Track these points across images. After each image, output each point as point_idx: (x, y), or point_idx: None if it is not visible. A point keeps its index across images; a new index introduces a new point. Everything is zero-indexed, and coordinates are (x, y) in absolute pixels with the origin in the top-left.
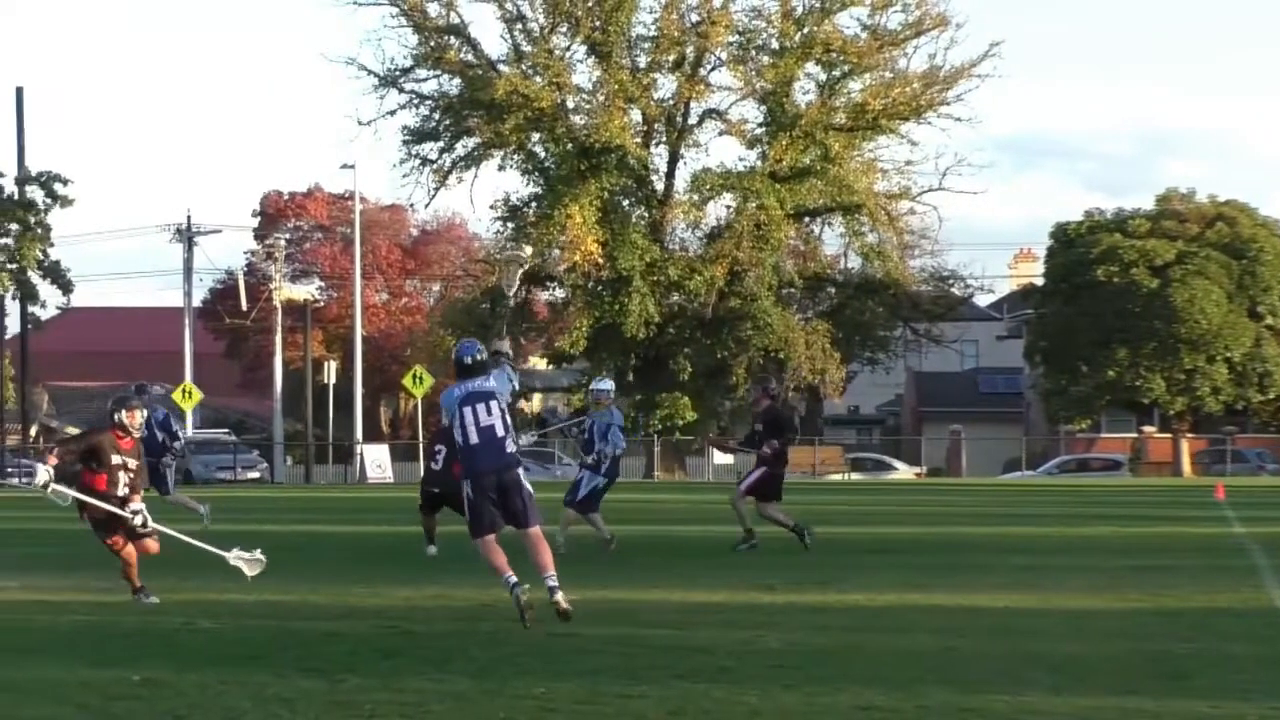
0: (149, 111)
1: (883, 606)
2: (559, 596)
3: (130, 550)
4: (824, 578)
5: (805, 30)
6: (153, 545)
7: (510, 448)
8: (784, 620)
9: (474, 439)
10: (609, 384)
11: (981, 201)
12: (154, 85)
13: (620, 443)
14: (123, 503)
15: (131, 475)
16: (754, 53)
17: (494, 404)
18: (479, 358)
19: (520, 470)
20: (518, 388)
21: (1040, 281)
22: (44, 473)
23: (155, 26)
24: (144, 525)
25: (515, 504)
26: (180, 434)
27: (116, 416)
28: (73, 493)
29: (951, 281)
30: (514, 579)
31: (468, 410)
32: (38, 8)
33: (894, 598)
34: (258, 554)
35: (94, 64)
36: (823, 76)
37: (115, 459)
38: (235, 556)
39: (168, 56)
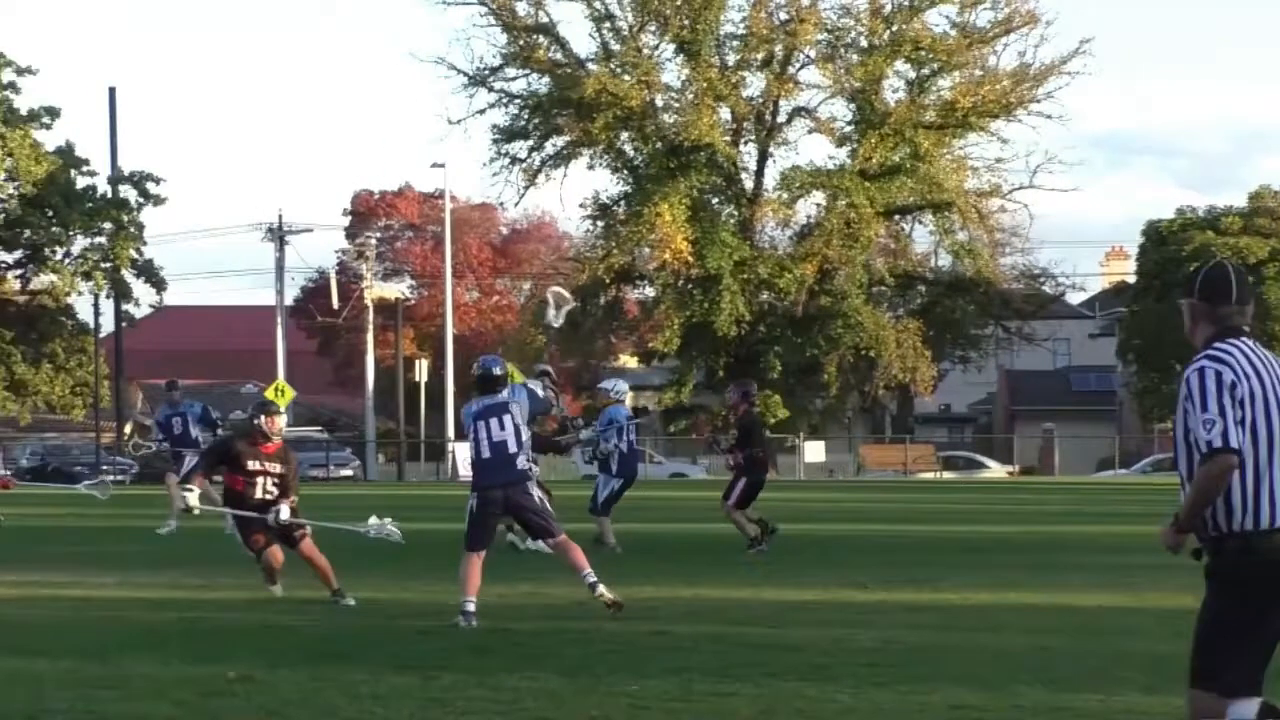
0: (241, 111)
1: (976, 605)
2: (601, 590)
3: (274, 552)
4: (917, 576)
5: (894, 28)
6: (308, 549)
7: (521, 464)
8: (876, 618)
9: (485, 453)
10: (609, 382)
11: (1073, 199)
12: (246, 85)
13: (610, 439)
14: (264, 506)
15: (276, 479)
16: (843, 51)
17: (508, 419)
18: (498, 372)
19: (528, 485)
20: (560, 408)
21: (1132, 279)
22: (192, 499)
23: (247, 26)
24: (289, 524)
25: (531, 520)
26: (220, 423)
27: (256, 422)
28: (216, 508)
29: (1043, 279)
30: (471, 608)
31: (481, 425)
32: (130, 8)
33: (987, 596)
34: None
35: (186, 64)
36: (912, 74)
37: (253, 464)
38: (375, 527)
39: (260, 56)
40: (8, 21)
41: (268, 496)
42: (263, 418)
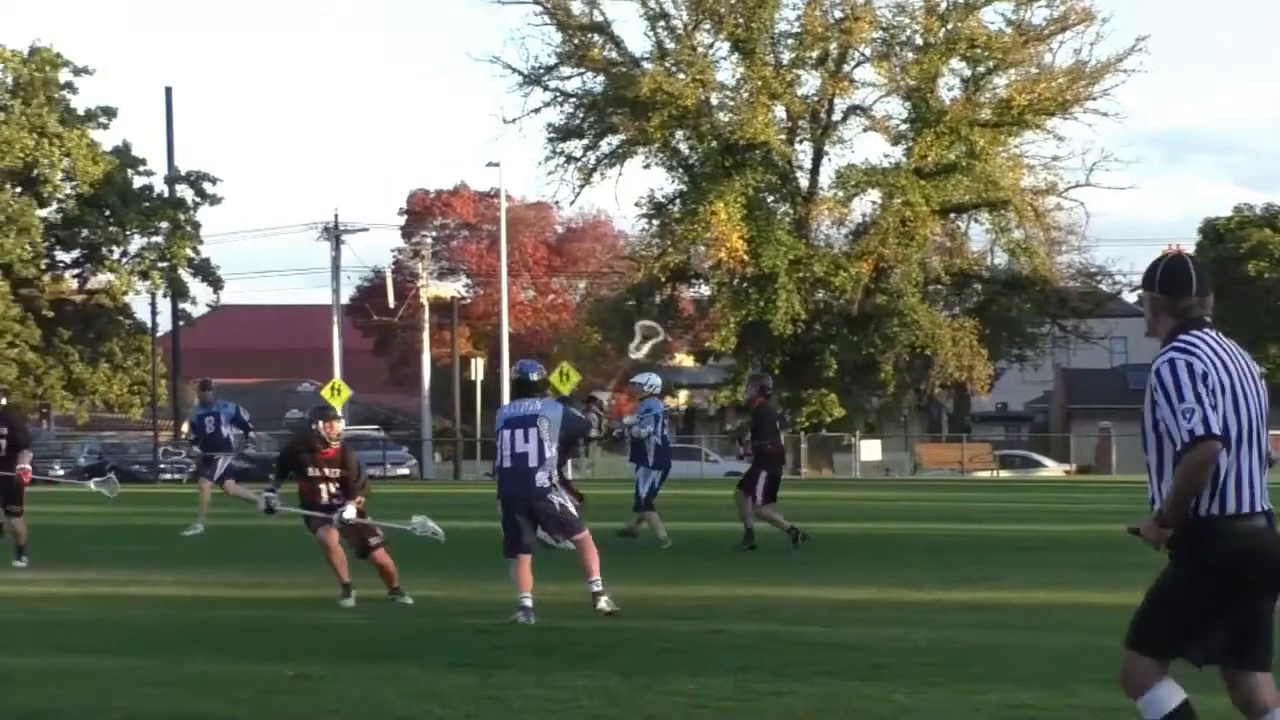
0: (297, 111)
1: (1033, 604)
2: (601, 602)
3: (340, 554)
4: (973, 575)
5: (949, 26)
6: (382, 557)
7: (540, 479)
8: (933, 618)
9: (506, 463)
10: (643, 377)
11: (1129, 197)
12: (302, 84)
13: (646, 424)
14: (330, 509)
15: (338, 483)
16: (898, 49)
17: (533, 432)
18: (534, 378)
19: (550, 494)
20: (597, 432)
21: None
22: (265, 502)
23: (301, 26)
24: (356, 525)
25: (550, 524)
26: (252, 426)
27: (314, 428)
28: (290, 509)
29: (1100, 277)
30: (528, 603)
31: (507, 434)
32: (186, 8)
33: (1044, 595)
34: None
35: (242, 63)
36: (967, 72)
37: (313, 471)
38: (419, 524)
39: (316, 55)
40: (65, 22)
41: (334, 501)
42: (320, 423)
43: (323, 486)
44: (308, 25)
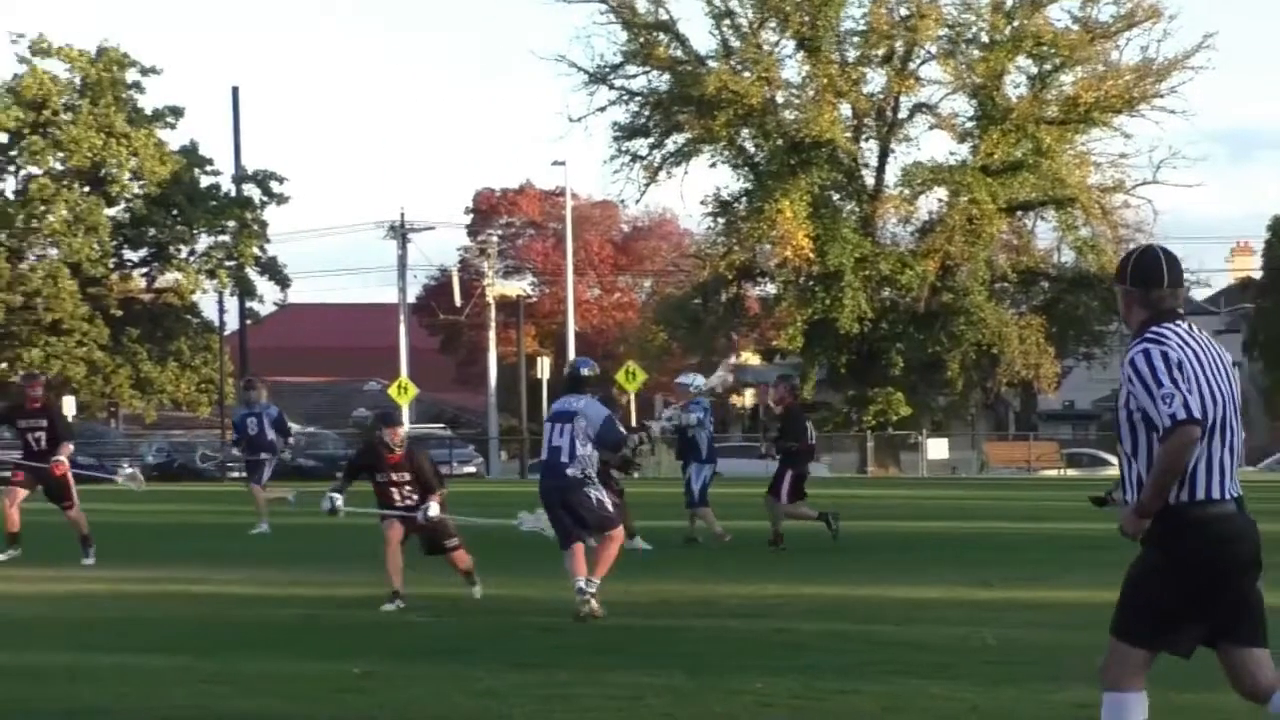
0: (363, 110)
1: (1101, 603)
2: (588, 608)
3: (397, 556)
4: (1041, 574)
5: (1015, 23)
6: (460, 559)
7: (571, 471)
8: (1001, 616)
9: (544, 455)
10: (687, 377)
11: (1197, 194)
12: (367, 83)
13: (694, 412)
14: (407, 511)
15: (410, 485)
16: (964, 46)
17: (568, 429)
18: (584, 373)
19: (585, 486)
20: (630, 454)
21: (1258, 275)
22: (326, 502)
23: (368, 25)
24: (437, 521)
25: (584, 516)
26: (293, 430)
27: (378, 434)
28: (357, 509)
29: None
30: (582, 584)
31: (549, 426)
32: (252, 7)
33: (1112, 594)
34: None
35: (308, 62)
36: (1033, 69)
37: (381, 477)
38: (529, 520)
39: (381, 54)
40: (132, 22)
41: (408, 503)
42: (384, 430)
43: (394, 490)
44: (374, 24)
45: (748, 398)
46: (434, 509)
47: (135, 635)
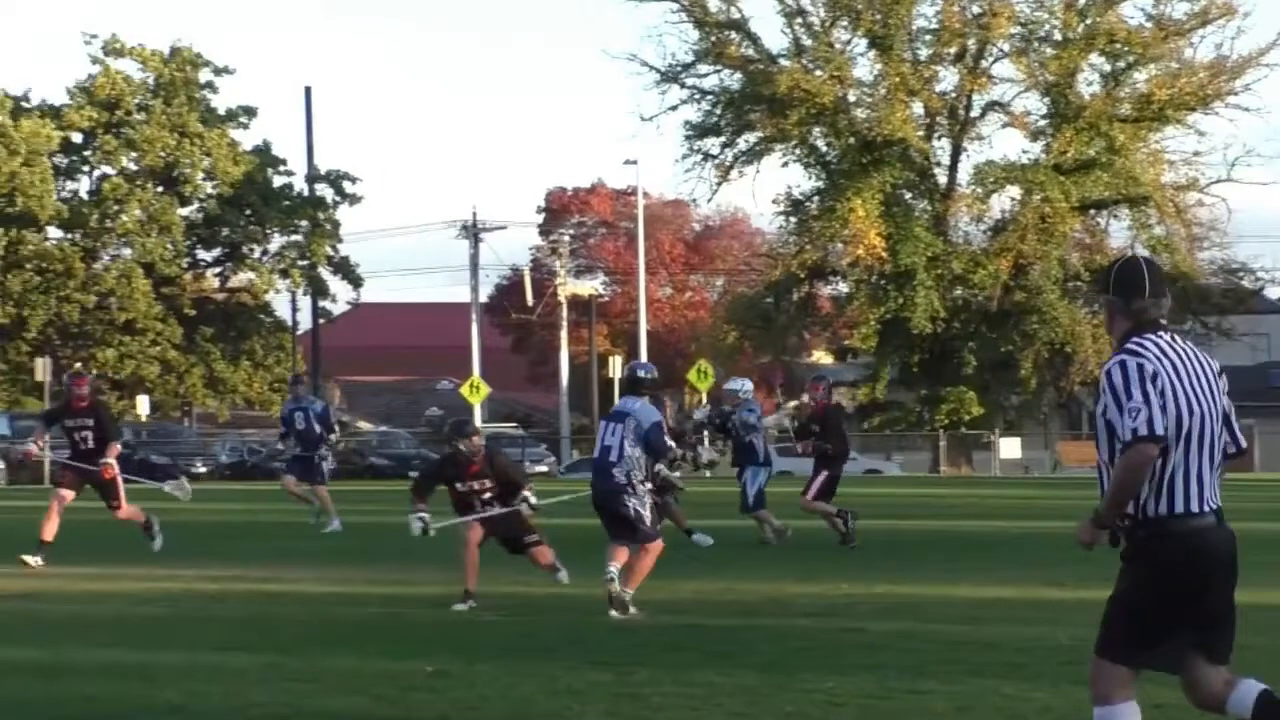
0: (435, 109)
1: None
2: (621, 610)
3: (474, 557)
4: (1114, 573)
5: (1088, 21)
6: (544, 554)
7: (617, 475)
8: (1074, 616)
9: (596, 454)
10: (736, 383)
11: (1272, 192)
12: (440, 83)
13: (755, 408)
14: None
15: (490, 493)
16: (1036, 44)
17: (619, 429)
18: (639, 376)
19: (625, 496)
20: (667, 469)
21: None
22: (416, 524)
23: (441, 24)
24: (539, 507)
25: (617, 527)
26: (337, 426)
27: (455, 446)
28: (443, 523)
29: (1241, 274)
30: (611, 570)
31: (603, 425)
32: (325, 7)
33: None
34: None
35: (381, 62)
36: (1107, 67)
37: (461, 487)
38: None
39: (453, 54)
40: (206, 23)
41: (489, 510)
42: (461, 440)
43: (475, 499)
44: (444, 24)
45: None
46: (532, 498)
47: (210, 633)
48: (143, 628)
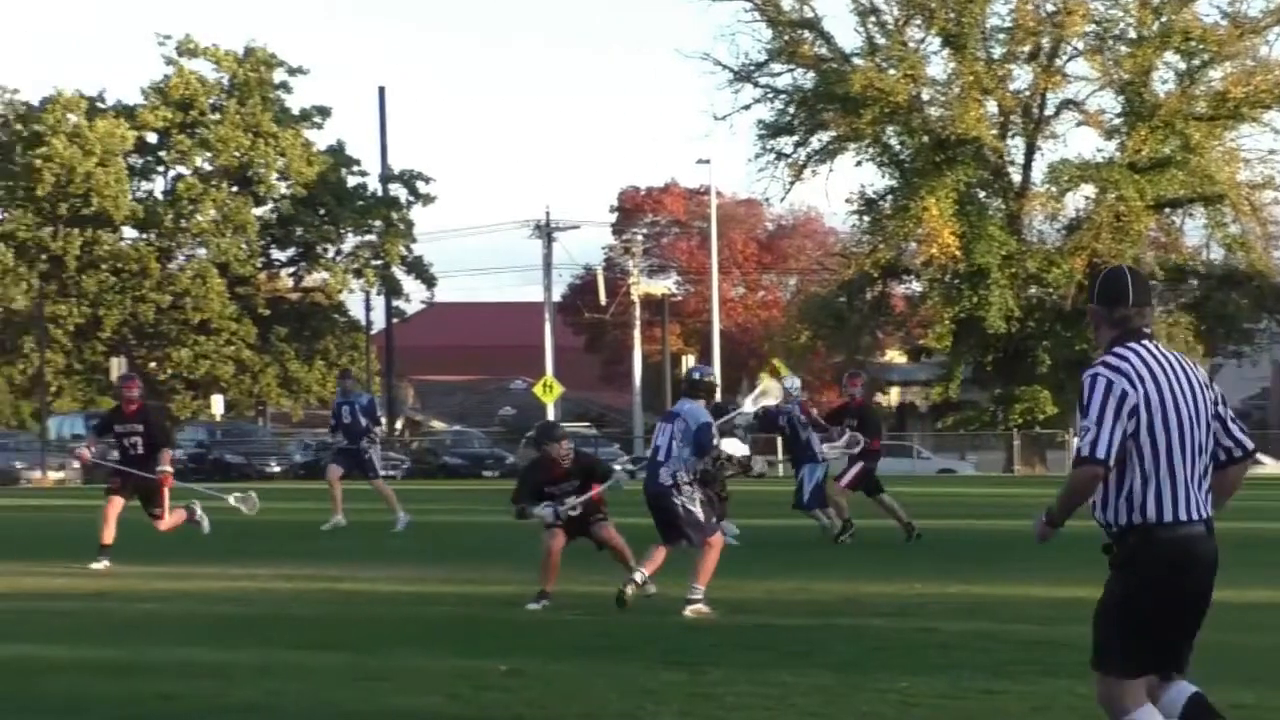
0: (508, 109)
1: (1250, 603)
2: (692, 609)
3: (557, 562)
4: None
5: (1163, 19)
6: (607, 533)
7: (663, 476)
8: None
9: (648, 452)
10: (787, 381)
11: None
12: (512, 83)
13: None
14: (581, 521)
15: (575, 492)
16: (1111, 42)
17: (669, 429)
18: (695, 378)
19: (672, 496)
20: (711, 467)
21: None
22: (548, 511)
23: (513, 24)
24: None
25: (668, 530)
26: (381, 419)
27: (543, 449)
28: (574, 500)
29: None
30: (636, 575)
31: (657, 425)
32: (398, 7)
33: (1262, 594)
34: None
35: (454, 62)
36: (1182, 65)
37: (551, 489)
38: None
39: (524, 54)
40: (280, 23)
41: (574, 513)
42: (550, 445)
43: (563, 500)
44: (518, 23)
45: (893, 396)
46: (625, 475)
47: (285, 632)
48: (218, 626)
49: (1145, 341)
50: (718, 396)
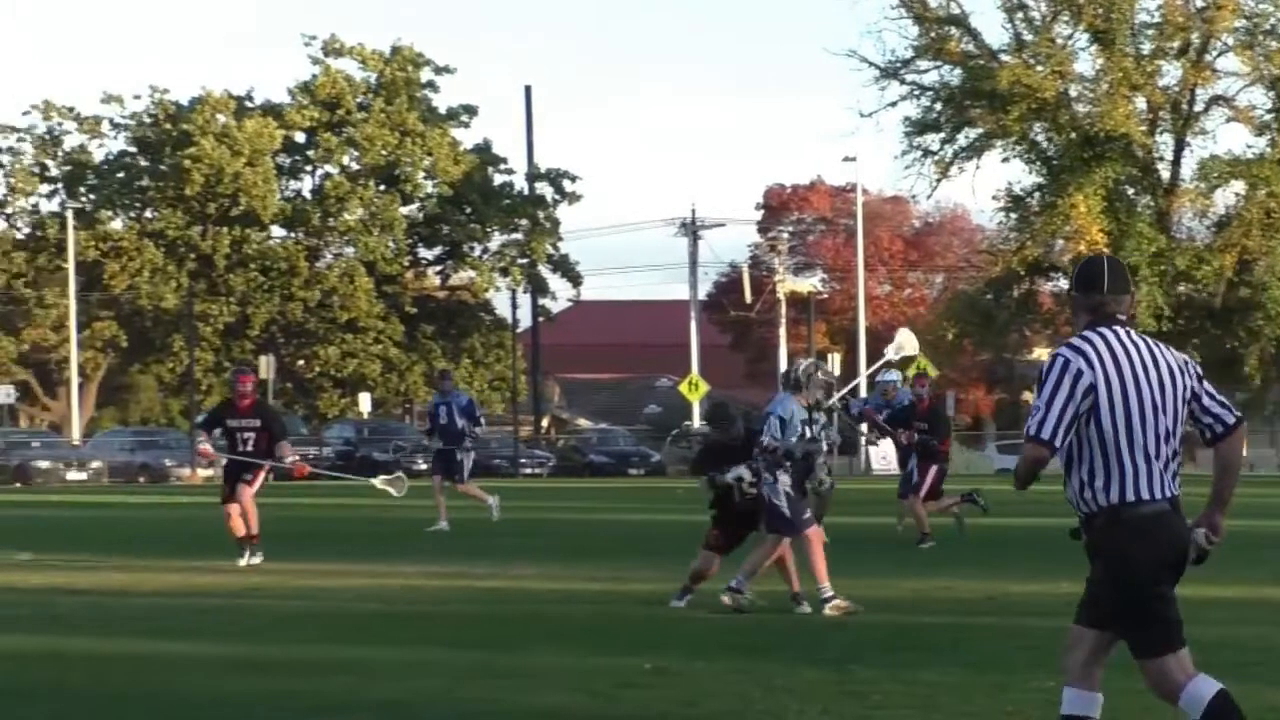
0: (654, 107)
1: None
2: (828, 608)
3: (710, 566)
4: None
5: None
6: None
7: (740, 469)
8: None
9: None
10: (890, 374)
11: None
12: (658, 81)
13: (905, 396)
14: (749, 516)
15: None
16: (1261, 38)
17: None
18: (786, 371)
19: (762, 489)
20: (768, 445)
21: None
22: (734, 475)
23: (658, 23)
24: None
25: (755, 520)
26: (481, 421)
27: (720, 431)
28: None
29: None
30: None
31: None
32: (545, 6)
33: None
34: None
35: (600, 60)
36: None
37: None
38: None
39: (671, 52)
40: (427, 22)
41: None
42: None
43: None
44: (662, 22)
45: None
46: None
47: (428, 630)
48: (361, 624)
49: (1117, 327)
50: (835, 395)
